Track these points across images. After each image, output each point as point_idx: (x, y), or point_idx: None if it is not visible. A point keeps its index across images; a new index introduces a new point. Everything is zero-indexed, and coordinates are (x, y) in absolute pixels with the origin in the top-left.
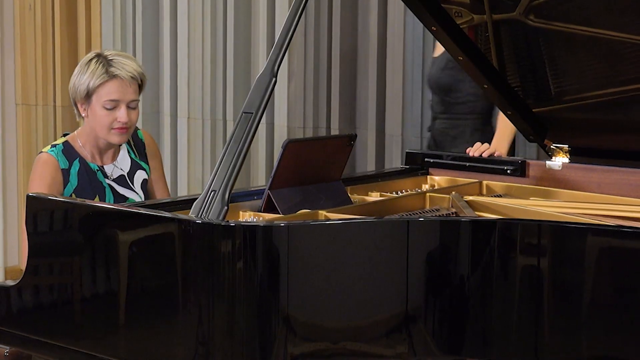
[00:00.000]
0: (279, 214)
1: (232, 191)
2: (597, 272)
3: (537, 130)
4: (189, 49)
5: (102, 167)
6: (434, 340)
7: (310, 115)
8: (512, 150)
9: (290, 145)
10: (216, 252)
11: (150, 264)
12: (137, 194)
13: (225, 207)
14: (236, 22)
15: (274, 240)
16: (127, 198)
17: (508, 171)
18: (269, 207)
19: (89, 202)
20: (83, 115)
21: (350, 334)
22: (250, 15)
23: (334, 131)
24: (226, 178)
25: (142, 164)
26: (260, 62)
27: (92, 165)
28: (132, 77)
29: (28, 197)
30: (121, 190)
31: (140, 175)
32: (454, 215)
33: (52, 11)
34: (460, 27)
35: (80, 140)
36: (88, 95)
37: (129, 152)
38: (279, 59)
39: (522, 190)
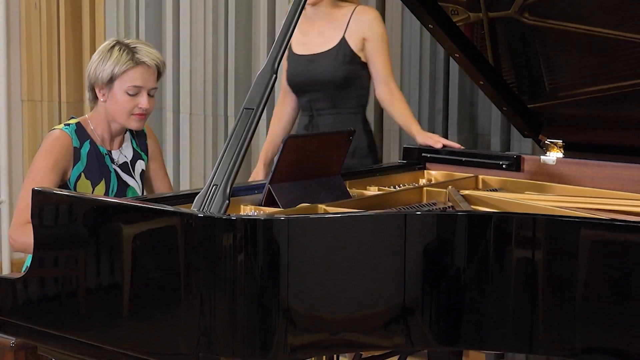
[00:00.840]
0: (279, 207)
1: (233, 185)
2: (591, 264)
3: (532, 126)
4: (191, 46)
5: (110, 152)
6: (431, 332)
7: None
8: (507, 145)
9: (290, 141)
10: (218, 245)
11: (153, 257)
12: (137, 182)
13: (227, 201)
14: (237, 20)
15: (274, 234)
16: (129, 185)
17: (503, 166)
18: (270, 201)
19: (93, 196)
20: (102, 100)
21: (348, 325)
22: (251, 13)
23: None
24: (227, 172)
25: (142, 154)
26: (261, 59)
27: (101, 148)
28: (156, 64)
29: (33, 191)
30: (124, 176)
31: (139, 165)
32: (451, 209)
33: (57, 9)
34: (457, 24)
35: (92, 124)
36: (111, 80)
37: (131, 141)
38: (279, 55)
39: (517, 184)
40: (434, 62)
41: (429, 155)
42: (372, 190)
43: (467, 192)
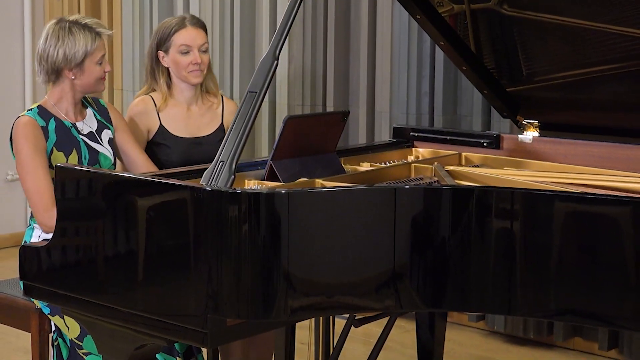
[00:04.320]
0: (280, 182)
1: (239, 162)
2: (564, 234)
3: (510, 108)
4: None
5: (75, 124)
6: (419, 295)
7: (308, 94)
8: (487, 125)
9: (290, 121)
10: (224, 217)
11: (165, 227)
12: (107, 149)
13: (233, 176)
14: (242, 13)
15: (276, 206)
16: (99, 152)
17: (484, 144)
18: (271, 176)
19: (110, 171)
20: (72, 77)
21: (343, 289)
22: (254, 6)
23: (329, 108)
24: (233, 150)
25: (108, 124)
26: (263, 47)
27: (66, 122)
28: (108, 34)
29: (57, 167)
30: (93, 145)
31: (106, 134)
32: (437, 183)
33: (77, 2)
34: (442, 15)
35: (52, 101)
36: (84, 59)
37: (94, 114)
38: (280, 43)
39: (497, 161)
40: (421, 49)
41: (416, 134)
42: (365, 166)
43: (451, 167)
